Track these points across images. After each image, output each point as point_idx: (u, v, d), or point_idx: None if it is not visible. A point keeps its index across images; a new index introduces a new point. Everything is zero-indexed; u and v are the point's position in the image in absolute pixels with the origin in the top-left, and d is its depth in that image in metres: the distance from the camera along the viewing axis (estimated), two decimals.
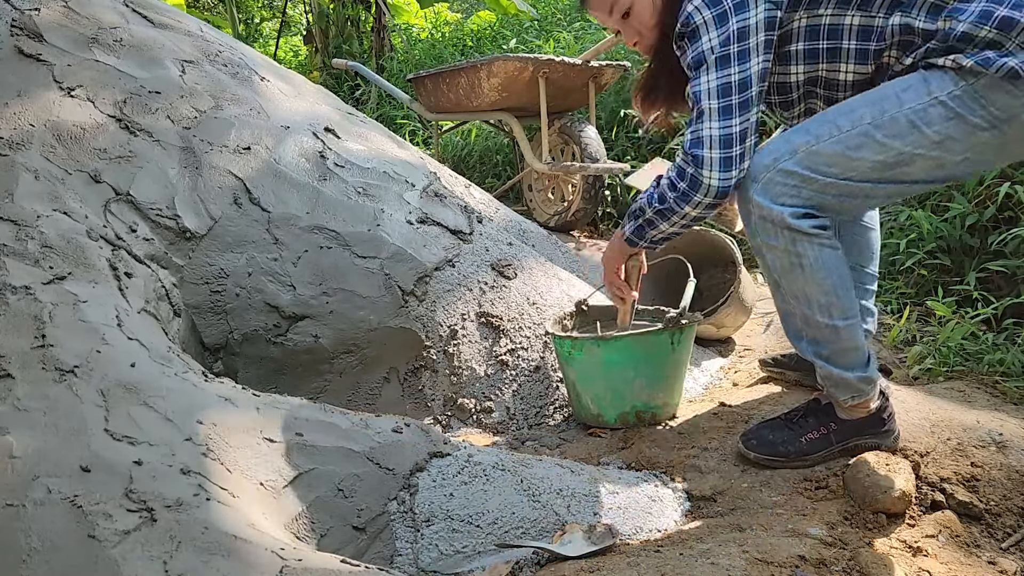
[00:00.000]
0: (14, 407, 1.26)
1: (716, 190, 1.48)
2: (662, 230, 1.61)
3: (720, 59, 1.44)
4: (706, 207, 1.51)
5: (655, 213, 1.58)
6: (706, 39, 1.45)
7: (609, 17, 1.65)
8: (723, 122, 1.45)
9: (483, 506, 1.44)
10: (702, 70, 1.46)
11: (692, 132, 1.49)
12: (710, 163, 1.46)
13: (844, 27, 1.47)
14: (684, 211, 1.53)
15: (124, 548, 1.10)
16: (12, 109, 1.85)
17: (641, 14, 1.61)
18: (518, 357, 2.09)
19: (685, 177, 1.50)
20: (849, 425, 1.61)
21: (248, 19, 11.38)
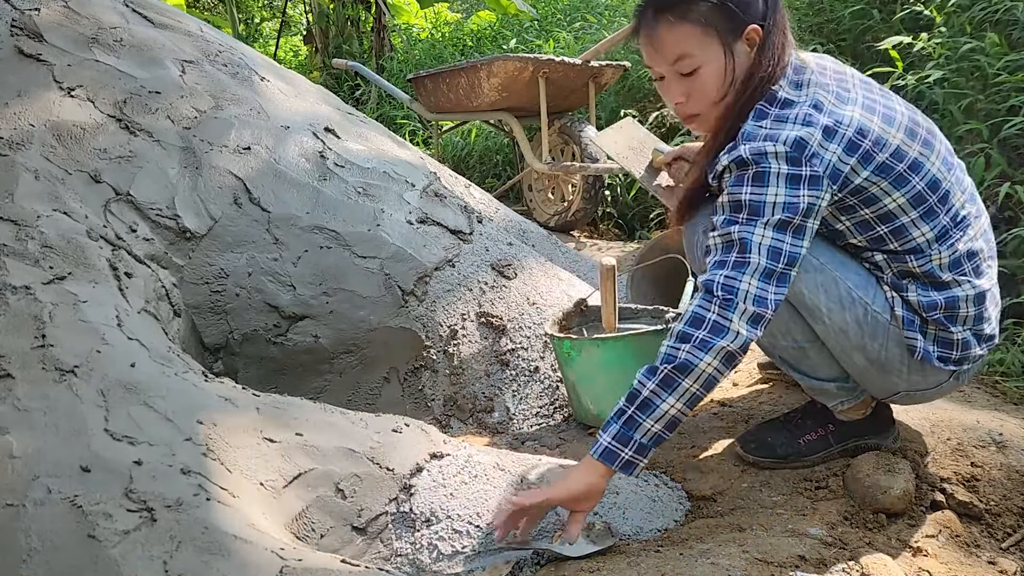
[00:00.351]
0: (14, 407, 1.26)
1: (744, 340, 1.30)
2: (662, 413, 1.31)
3: (781, 223, 1.31)
4: (724, 359, 1.30)
5: (659, 383, 1.31)
6: (772, 191, 1.31)
7: (668, 65, 1.42)
8: (762, 284, 1.31)
9: (483, 506, 1.44)
10: (758, 220, 1.32)
11: (726, 276, 1.32)
12: (742, 313, 1.30)
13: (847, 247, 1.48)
14: (701, 364, 1.29)
15: (124, 548, 1.10)
16: (12, 109, 1.85)
17: (706, 82, 1.40)
18: (518, 357, 2.09)
19: (704, 324, 1.31)
20: (848, 427, 1.61)
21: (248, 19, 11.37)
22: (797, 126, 1.33)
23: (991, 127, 2.64)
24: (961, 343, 1.44)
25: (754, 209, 1.32)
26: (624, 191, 4.26)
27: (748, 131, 1.36)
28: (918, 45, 2.99)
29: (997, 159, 2.56)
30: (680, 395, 1.31)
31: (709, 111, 1.44)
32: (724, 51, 1.38)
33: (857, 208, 1.39)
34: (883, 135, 1.36)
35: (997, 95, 2.70)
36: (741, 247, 1.33)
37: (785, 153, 1.31)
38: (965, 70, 2.85)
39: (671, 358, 1.31)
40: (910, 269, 1.42)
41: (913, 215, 1.39)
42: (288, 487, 1.34)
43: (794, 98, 1.38)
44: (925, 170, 1.39)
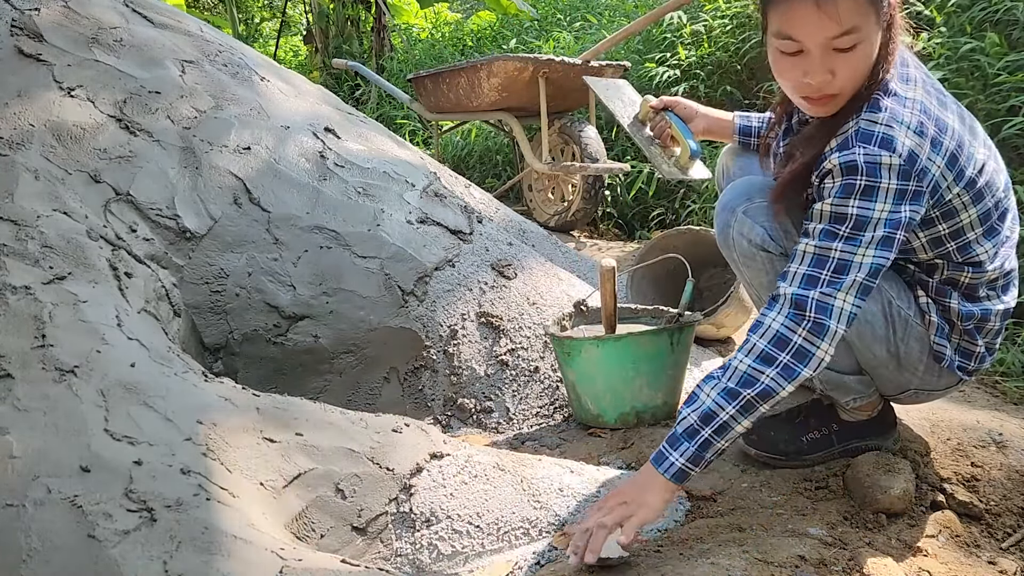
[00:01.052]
0: (14, 407, 1.26)
1: (823, 366, 1.28)
2: (734, 434, 1.29)
3: (885, 238, 1.26)
4: (800, 385, 1.28)
5: (740, 408, 1.27)
6: (880, 207, 1.25)
7: (829, 36, 1.25)
8: (858, 300, 1.27)
9: (483, 506, 1.44)
10: (863, 236, 1.26)
11: (821, 294, 1.26)
12: (832, 336, 1.26)
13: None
14: (782, 393, 1.26)
15: (124, 548, 1.10)
16: (12, 109, 1.85)
17: (860, 61, 1.28)
18: (518, 357, 2.09)
19: (789, 347, 1.26)
20: (850, 427, 1.60)
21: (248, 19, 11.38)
22: (911, 133, 1.26)
23: (991, 127, 2.64)
24: (980, 356, 1.47)
25: (859, 224, 1.26)
26: (624, 191, 4.26)
27: (863, 129, 1.27)
28: (918, 45, 2.99)
29: None
30: (753, 417, 1.29)
31: (849, 92, 1.31)
32: (880, 29, 1.27)
33: (936, 223, 1.36)
34: (971, 149, 1.33)
35: (997, 95, 2.70)
36: (840, 265, 1.26)
37: (899, 167, 1.25)
38: (965, 70, 2.85)
39: (752, 382, 1.26)
40: (959, 280, 1.42)
41: (979, 231, 1.37)
42: (288, 487, 1.34)
43: (904, 93, 1.31)
44: (996, 187, 1.37)
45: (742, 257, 1.53)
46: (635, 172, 4.10)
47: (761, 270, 1.51)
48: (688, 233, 2.39)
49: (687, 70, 4.45)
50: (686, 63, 4.44)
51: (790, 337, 1.27)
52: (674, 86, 4.31)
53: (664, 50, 4.66)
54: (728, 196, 1.56)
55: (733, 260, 1.56)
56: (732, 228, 1.52)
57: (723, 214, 1.55)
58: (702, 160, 1.88)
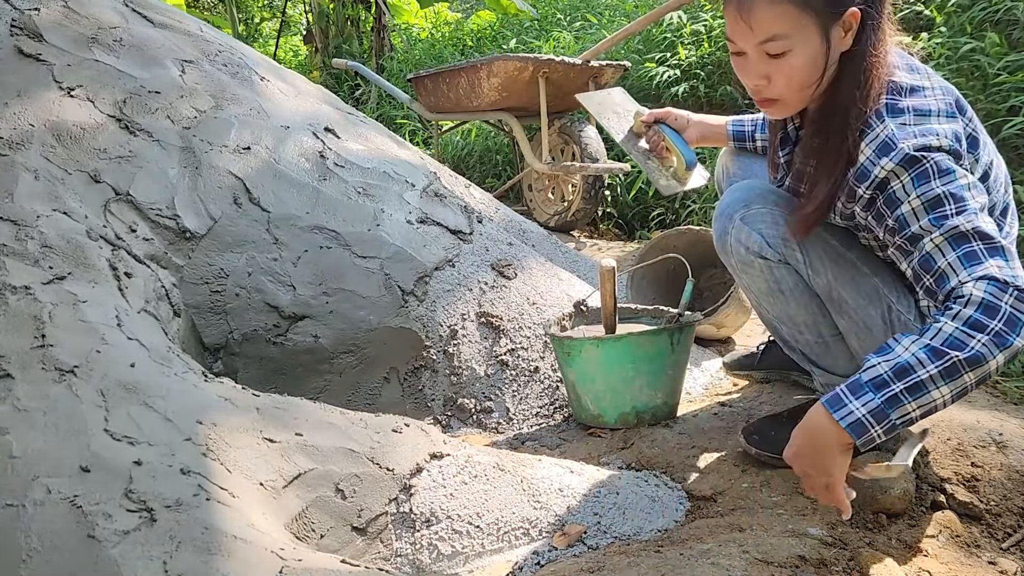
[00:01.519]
0: (14, 407, 1.26)
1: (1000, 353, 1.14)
2: (929, 402, 1.16)
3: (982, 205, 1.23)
4: (1010, 358, 1.16)
5: (942, 369, 1.14)
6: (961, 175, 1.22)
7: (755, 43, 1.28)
8: (1009, 265, 1.19)
9: (483, 506, 1.44)
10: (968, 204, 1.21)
11: (999, 264, 1.17)
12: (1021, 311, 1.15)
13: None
14: (992, 363, 1.13)
15: (124, 548, 1.10)
16: (12, 109, 1.85)
17: (795, 68, 1.28)
18: (518, 357, 2.09)
19: (999, 315, 1.13)
20: None
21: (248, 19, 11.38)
22: (944, 119, 1.25)
23: (991, 127, 2.64)
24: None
25: (959, 198, 1.20)
26: (624, 191, 4.26)
27: (897, 132, 1.25)
28: (918, 45, 2.99)
29: None
30: (955, 387, 1.15)
31: (791, 96, 1.32)
32: (820, 36, 1.25)
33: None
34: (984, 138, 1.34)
35: (997, 95, 2.70)
36: (982, 235, 1.19)
37: (949, 147, 1.22)
38: (965, 70, 2.85)
39: (961, 345, 1.13)
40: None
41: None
42: (288, 487, 1.34)
43: (917, 83, 1.28)
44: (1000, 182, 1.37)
45: (740, 263, 1.53)
46: (635, 172, 4.10)
47: (759, 277, 1.50)
48: (688, 233, 2.39)
49: (687, 70, 4.45)
50: (686, 63, 4.44)
51: (997, 304, 1.14)
52: (674, 86, 4.32)
53: (664, 50, 4.66)
54: (726, 201, 1.55)
55: (731, 266, 1.56)
56: (730, 235, 1.52)
57: (721, 220, 1.55)
58: (700, 162, 1.88)
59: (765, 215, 1.46)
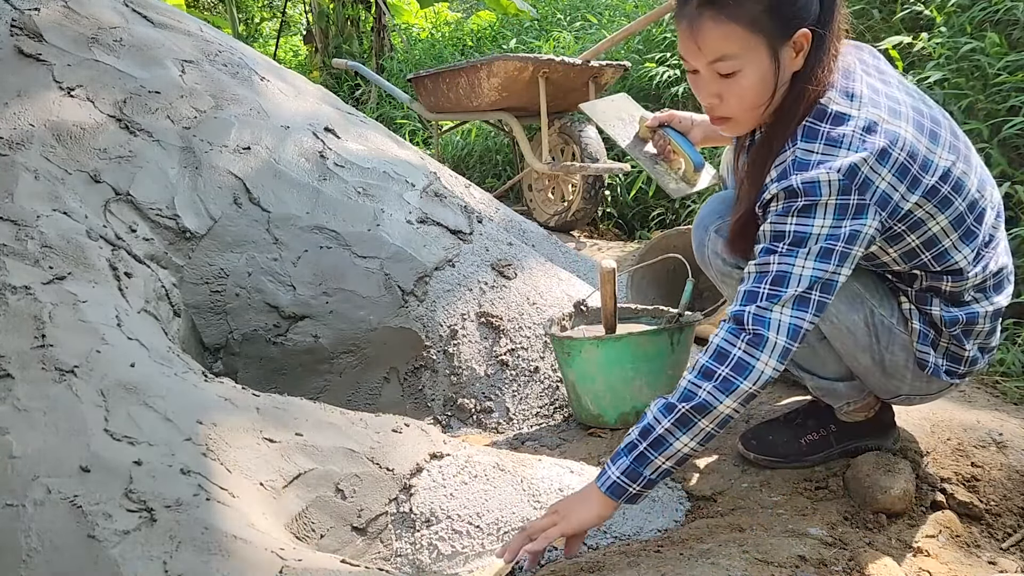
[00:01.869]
0: (14, 407, 1.26)
1: (767, 379, 1.25)
2: (675, 451, 1.27)
3: (824, 251, 1.24)
4: (744, 400, 1.25)
5: (675, 422, 1.26)
6: (819, 223, 1.24)
7: (706, 62, 1.30)
8: (798, 312, 1.25)
9: (483, 506, 1.44)
10: (800, 250, 1.25)
11: (757, 308, 1.25)
12: (772, 348, 1.24)
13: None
14: (720, 407, 1.24)
15: (124, 548, 1.10)
16: (12, 109, 1.85)
17: (745, 88, 1.29)
18: (518, 357, 2.09)
19: (729, 360, 1.25)
20: (849, 428, 1.60)
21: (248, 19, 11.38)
22: (851, 153, 1.24)
23: (991, 127, 2.64)
24: (970, 359, 1.44)
25: (797, 240, 1.25)
26: (624, 191, 4.26)
27: (798, 158, 1.27)
28: (918, 45, 2.99)
29: (997, 159, 2.56)
30: (694, 435, 1.26)
31: (743, 115, 1.34)
32: (770, 57, 1.27)
33: (904, 236, 1.33)
34: (930, 156, 1.30)
35: (997, 95, 2.70)
36: (777, 278, 1.25)
37: (839, 182, 1.23)
38: (965, 70, 2.84)
39: (690, 396, 1.25)
40: (940, 287, 1.39)
41: (954, 237, 1.34)
42: (288, 487, 1.34)
43: (846, 111, 1.28)
44: (966, 190, 1.34)
45: (718, 275, 1.54)
46: (635, 172, 4.10)
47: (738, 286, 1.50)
48: (688, 233, 2.39)
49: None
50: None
51: (729, 350, 1.26)
52: (674, 86, 4.31)
53: (664, 50, 4.66)
54: (702, 213, 1.57)
55: (711, 276, 1.57)
56: (707, 247, 1.54)
57: (698, 232, 1.56)
58: (707, 162, 1.88)
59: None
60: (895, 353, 1.44)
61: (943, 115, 1.40)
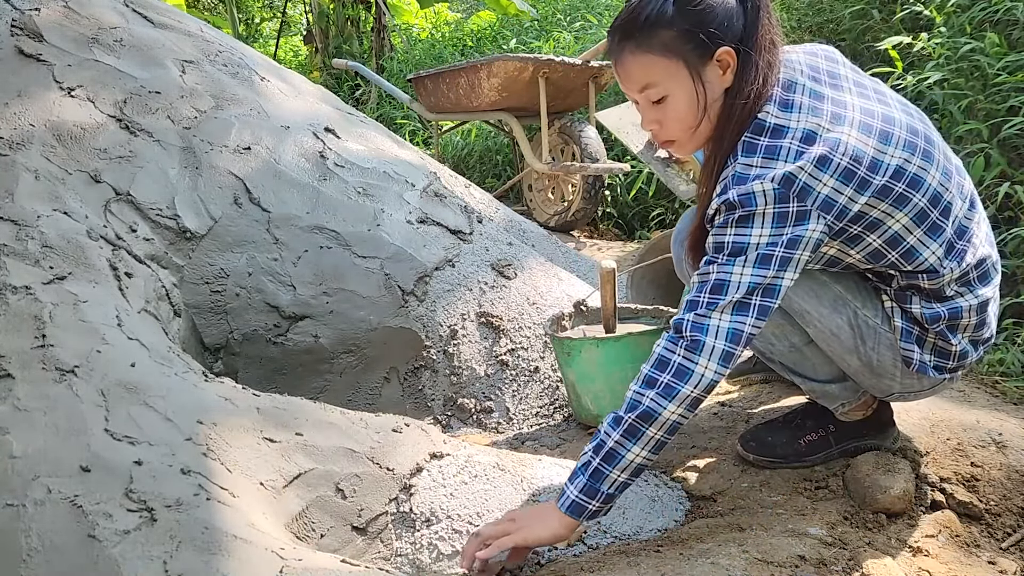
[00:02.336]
0: (14, 407, 1.26)
1: (709, 383, 1.27)
2: (628, 463, 1.28)
3: (762, 257, 1.26)
4: (689, 405, 1.27)
5: (623, 433, 1.28)
6: (757, 232, 1.26)
7: (636, 92, 1.36)
8: (737, 318, 1.27)
9: (483, 506, 1.44)
10: (738, 259, 1.27)
11: (696, 315, 1.28)
12: (710, 352, 1.26)
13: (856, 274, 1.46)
14: (665, 413, 1.26)
15: (124, 548, 1.10)
16: (12, 109, 1.85)
17: (677, 110, 1.34)
18: (518, 357, 2.09)
19: (669, 367, 1.27)
20: (848, 428, 1.60)
21: (248, 19, 11.38)
22: (787, 163, 1.26)
23: (991, 127, 2.64)
24: (959, 353, 1.43)
25: (735, 250, 1.28)
26: (624, 191, 4.26)
27: (737, 173, 1.29)
28: (918, 45, 2.99)
29: (997, 159, 2.56)
30: (644, 444, 1.28)
31: (683, 136, 1.37)
32: (692, 78, 1.31)
33: (863, 236, 1.34)
34: (879, 157, 1.29)
35: (997, 95, 2.70)
36: (716, 286, 1.27)
37: (773, 191, 1.25)
38: (965, 70, 2.85)
39: (635, 405, 1.28)
40: (919, 285, 1.40)
41: (918, 233, 1.34)
42: (288, 487, 1.34)
43: (784, 123, 1.29)
44: (926, 185, 1.32)
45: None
46: (635, 172, 4.10)
47: None
48: None
49: None
50: None
51: (669, 357, 1.28)
52: None
53: None
54: (677, 228, 1.62)
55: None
56: (681, 260, 1.56)
57: (675, 246, 1.60)
58: None
59: None
60: (882, 353, 1.43)
61: (905, 111, 1.38)
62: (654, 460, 1.31)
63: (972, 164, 2.57)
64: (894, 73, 2.94)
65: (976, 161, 2.57)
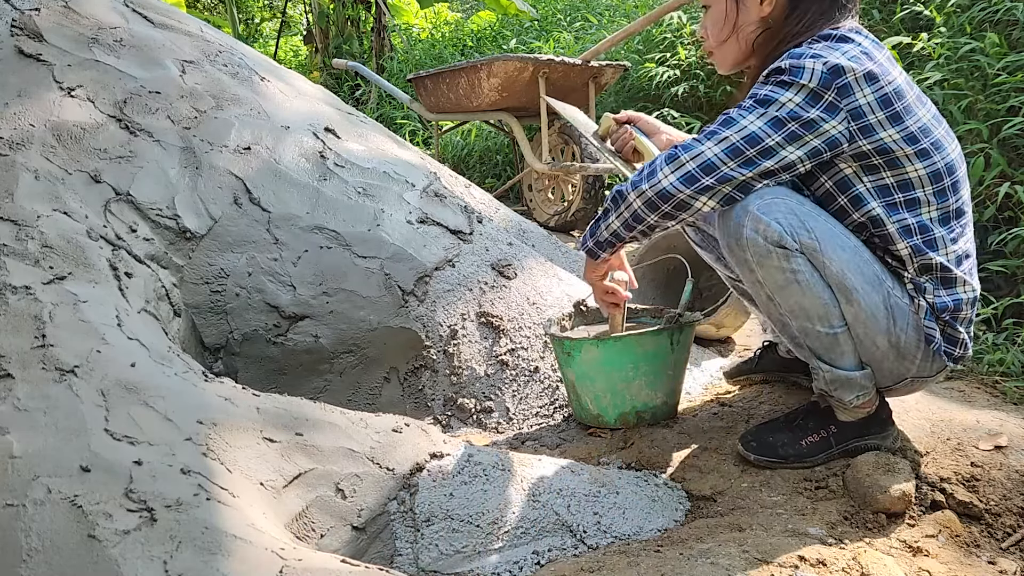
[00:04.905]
0: (14, 407, 1.26)
1: (660, 190, 1.45)
2: (606, 224, 1.57)
3: (778, 120, 1.39)
4: (644, 203, 1.48)
5: (610, 201, 1.56)
6: (788, 96, 1.39)
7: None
8: (723, 155, 1.40)
9: (483, 506, 1.44)
10: (758, 110, 1.40)
11: (694, 139, 1.45)
12: (678, 166, 1.43)
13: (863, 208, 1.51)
14: (628, 199, 1.50)
15: (124, 548, 1.10)
16: (12, 109, 1.85)
17: (712, 21, 1.58)
18: (518, 357, 2.09)
19: (647, 168, 1.49)
20: (849, 427, 1.61)
21: (248, 19, 11.39)
22: (843, 58, 1.38)
23: (991, 127, 2.64)
24: (963, 343, 1.51)
25: (761, 100, 1.40)
26: None
27: (795, 51, 1.42)
28: (918, 45, 2.99)
29: (997, 159, 2.56)
30: (618, 215, 1.54)
31: (717, 50, 1.57)
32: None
33: (881, 170, 1.44)
34: (915, 107, 1.43)
35: (997, 95, 2.70)
36: (726, 121, 1.42)
37: (821, 74, 1.37)
38: (965, 70, 2.85)
39: (620, 187, 1.52)
40: (929, 262, 1.47)
41: (928, 190, 1.44)
42: (288, 487, 1.34)
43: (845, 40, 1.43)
44: (946, 152, 1.45)
45: (756, 256, 1.48)
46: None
47: (775, 269, 1.46)
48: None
49: (687, 70, 4.45)
50: (686, 63, 4.44)
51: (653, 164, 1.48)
52: (674, 86, 4.32)
53: (664, 50, 4.67)
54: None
55: (744, 261, 1.52)
56: (745, 227, 1.48)
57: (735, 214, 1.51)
58: None
59: (780, 204, 1.46)
60: (909, 334, 1.49)
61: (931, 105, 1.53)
62: (627, 237, 1.57)
63: (972, 164, 2.57)
64: None
65: (976, 161, 2.57)
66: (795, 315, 1.51)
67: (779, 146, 1.39)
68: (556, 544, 1.43)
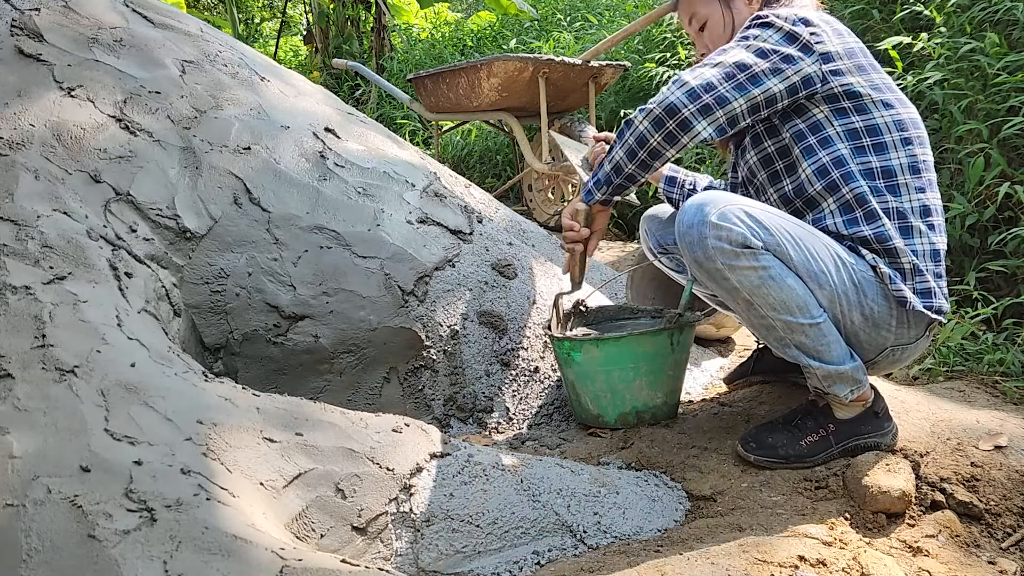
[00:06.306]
0: (14, 407, 1.26)
1: (667, 104, 1.54)
2: (610, 157, 1.64)
3: (762, 51, 1.56)
4: (651, 121, 1.56)
5: (617, 133, 1.63)
6: (768, 34, 1.58)
7: (688, 26, 1.83)
8: (718, 77, 1.54)
9: (483, 506, 1.44)
10: (744, 43, 1.58)
11: (692, 68, 1.59)
12: (682, 83, 1.55)
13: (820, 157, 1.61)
14: (635, 123, 1.58)
15: (124, 548, 1.10)
16: (12, 109, 1.85)
17: (712, 33, 1.78)
18: (518, 357, 2.09)
19: (659, 95, 1.58)
20: (848, 425, 1.61)
21: (248, 19, 11.39)
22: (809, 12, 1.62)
23: (991, 127, 2.64)
24: (936, 292, 1.57)
25: (746, 38, 1.59)
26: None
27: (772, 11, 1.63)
28: (918, 45, 2.99)
29: (997, 159, 2.56)
30: (623, 144, 1.61)
31: None
32: (722, 8, 1.77)
33: (850, 114, 1.59)
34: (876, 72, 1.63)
35: (997, 95, 2.70)
36: (720, 52, 1.59)
37: (793, 18, 1.58)
38: (965, 70, 2.84)
39: (628, 119, 1.61)
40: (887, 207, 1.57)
41: (896, 137, 1.59)
42: (288, 487, 1.34)
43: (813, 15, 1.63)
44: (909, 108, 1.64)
45: (725, 264, 1.49)
46: None
47: (748, 270, 1.48)
48: None
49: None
50: (686, 63, 4.43)
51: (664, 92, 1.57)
52: None
53: (664, 50, 4.67)
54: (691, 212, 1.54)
55: (714, 272, 1.51)
56: (708, 238, 1.49)
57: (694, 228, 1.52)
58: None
59: (734, 209, 1.51)
60: (879, 302, 1.55)
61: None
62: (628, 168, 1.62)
63: (972, 164, 2.57)
64: (894, 73, 2.93)
65: (976, 161, 2.57)
66: (778, 312, 1.51)
67: (764, 75, 1.55)
68: (556, 544, 1.43)
